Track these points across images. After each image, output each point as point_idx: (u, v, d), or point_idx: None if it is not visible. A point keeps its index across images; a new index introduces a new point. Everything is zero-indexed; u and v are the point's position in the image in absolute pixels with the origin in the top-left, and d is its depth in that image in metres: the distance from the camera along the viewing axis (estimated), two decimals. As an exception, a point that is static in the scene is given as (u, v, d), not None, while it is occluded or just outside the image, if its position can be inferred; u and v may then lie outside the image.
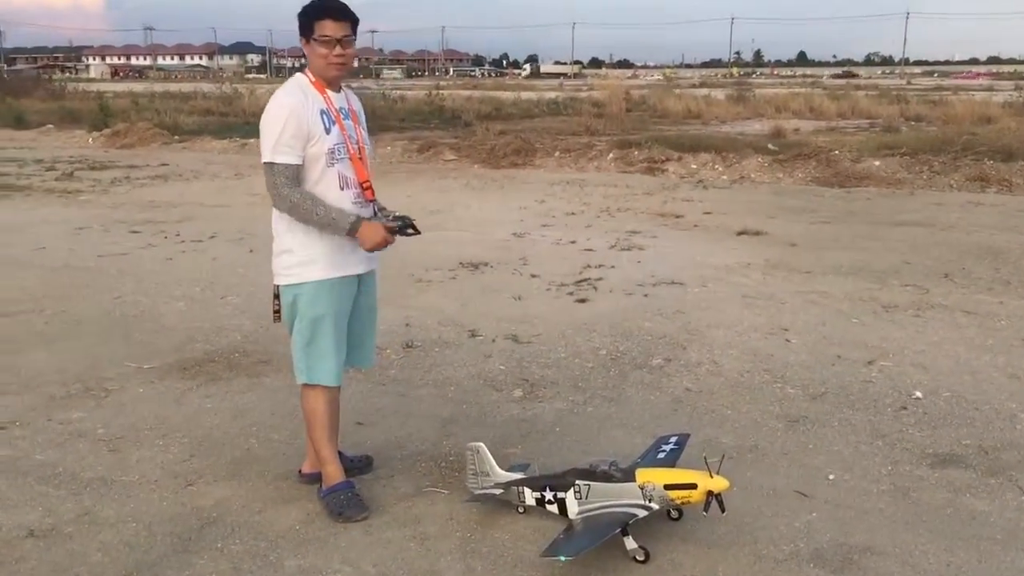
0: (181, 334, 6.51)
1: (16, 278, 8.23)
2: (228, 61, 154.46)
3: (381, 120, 27.99)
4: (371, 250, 3.73)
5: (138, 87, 51.16)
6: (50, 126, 25.28)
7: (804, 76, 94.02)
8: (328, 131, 3.65)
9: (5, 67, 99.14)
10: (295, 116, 3.58)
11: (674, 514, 3.80)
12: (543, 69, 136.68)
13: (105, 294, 7.65)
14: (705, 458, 3.61)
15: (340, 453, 4.10)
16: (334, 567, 3.49)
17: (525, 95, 42.84)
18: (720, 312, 6.97)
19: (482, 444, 4.03)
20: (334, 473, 3.93)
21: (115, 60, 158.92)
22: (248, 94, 39.15)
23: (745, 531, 3.73)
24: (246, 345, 6.26)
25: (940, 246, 9.45)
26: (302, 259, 3.73)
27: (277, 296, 3.83)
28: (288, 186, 3.59)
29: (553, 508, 3.78)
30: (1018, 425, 4.79)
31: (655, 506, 3.58)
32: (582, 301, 7.33)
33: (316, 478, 4.05)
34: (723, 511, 3.64)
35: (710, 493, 3.55)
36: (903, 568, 3.44)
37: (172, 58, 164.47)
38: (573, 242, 9.71)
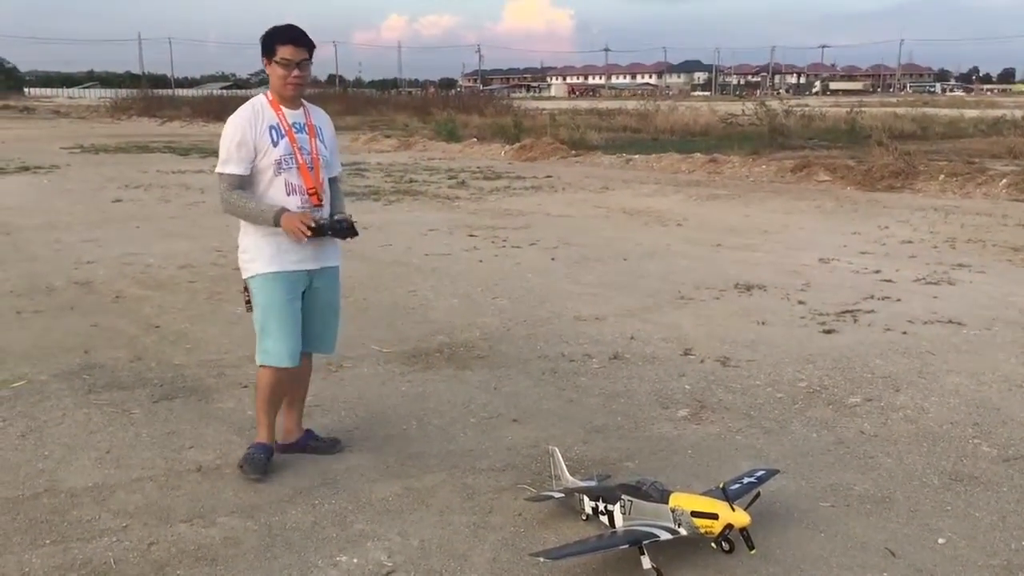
0: (434, 326, 7.31)
1: (351, 269, 9.64)
2: (675, 79, 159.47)
3: (784, 138, 27.50)
4: (298, 239, 4.18)
5: (583, 104, 54.71)
6: (474, 140, 28.31)
7: None
8: (276, 144, 4.22)
9: (481, 87, 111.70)
10: (240, 132, 4.19)
11: (726, 546, 3.68)
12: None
13: (405, 287, 8.74)
14: (723, 488, 3.48)
15: (310, 431, 4.82)
16: (388, 535, 3.92)
17: (970, 113, 39.27)
18: (979, 358, 6.21)
19: (556, 448, 4.21)
20: (262, 435, 4.58)
21: (574, 80, 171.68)
22: (669, 111, 40.50)
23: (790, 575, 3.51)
24: (478, 342, 6.87)
25: None
26: (252, 255, 4.35)
27: (246, 288, 4.46)
28: (228, 191, 4.21)
29: (604, 519, 3.86)
30: None
31: (683, 531, 3.54)
32: (828, 332, 6.93)
33: (290, 448, 4.70)
34: (751, 548, 3.52)
35: (728, 526, 3.45)
36: (922, 648, 3.05)
37: (625, 77, 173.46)
38: (877, 272, 9.05)
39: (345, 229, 4.32)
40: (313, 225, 4.20)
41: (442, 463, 4.68)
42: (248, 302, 4.48)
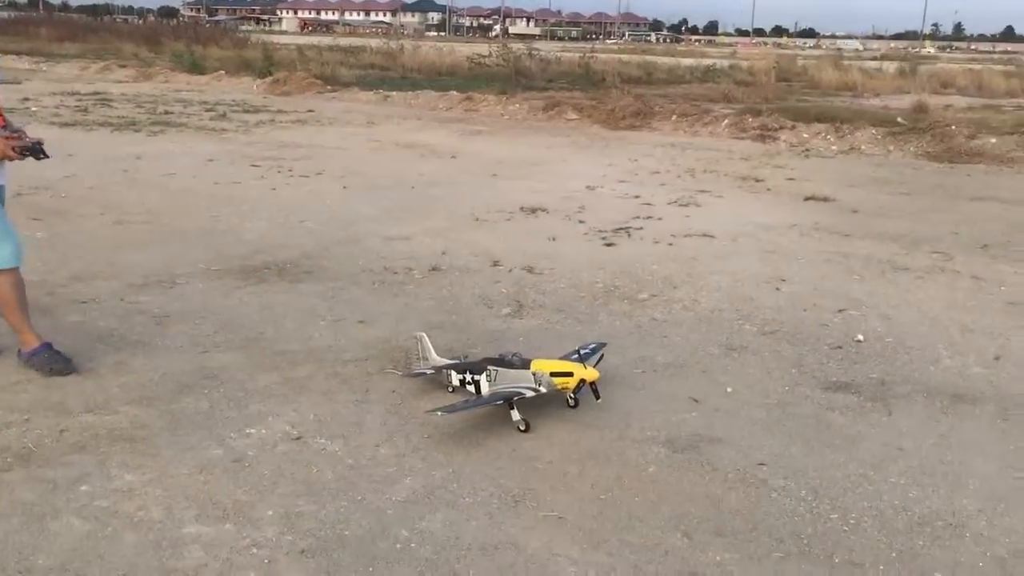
0: (252, 247, 7.65)
1: (141, 196, 9.67)
2: (410, 19, 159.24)
3: (527, 80, 28.91)
4: (10, 159, 4.55)
5: (323, 40, 53.75)
6: (222, 72, 27.51)
7: (1005, 52, 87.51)
8: None
9: (206, 17, 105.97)
10: None
11: (571, 402, 4.54)
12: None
13: (207, 213, 8.92)
14: (579, 351, 4.36)
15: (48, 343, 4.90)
16: (284, 413, 4.45)
17: (686, 61, 42.66)
18: (731, 262, 7.51)
19: (424, 334, 4.90)
20: (31, 339, 4.79)
21: (306, 14, 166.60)
22: (413, 50, 40.91)
23: (624, 420, 4.44)
24: (301, 260, 7.32)
25: (1002, 221, 9.50)
26: None
27: None
28: None
29: (471, 388, 4.60)
30: (933, 367, 5.22)
31: (543, 389, 4.36)
32: (610, 245, 8.02)
33: (31, 355, 4.81)
34: (598, 398, 4.41)
35: (583, 381, 4.32)
36: (734, 453, 4.10)
37: (358, 14, 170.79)
38: (637, 197, 10.32)
39: (42, 151, 4.64)
40: (23, 146, 4.53)
41: (308, 357, 5.22)
42: None
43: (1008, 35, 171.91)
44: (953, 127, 15.53)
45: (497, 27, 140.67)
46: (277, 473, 3.84)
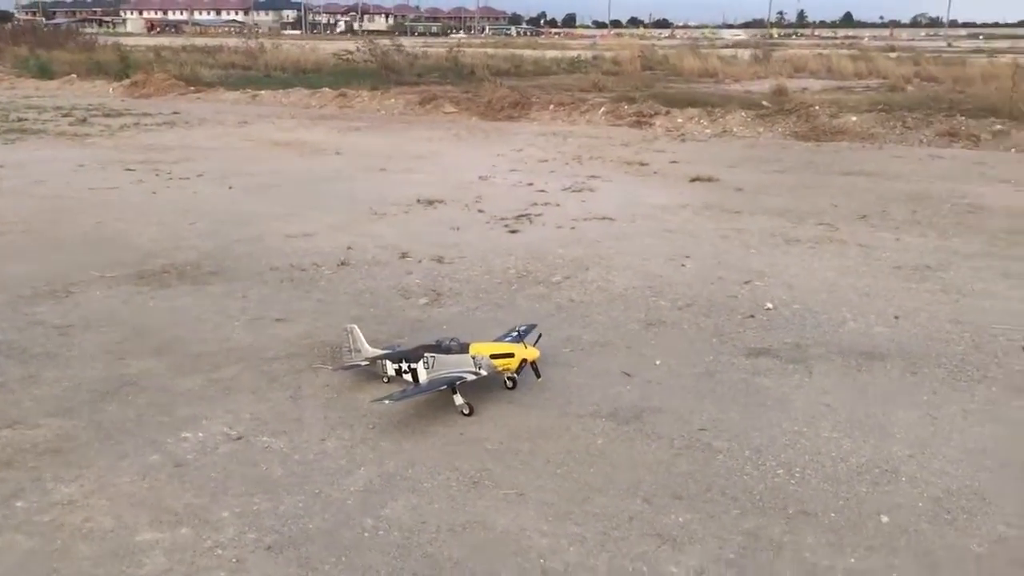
0: (145, 251, 7.35)
1: (12, 205, 9.14)
2: (263, 17, 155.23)
3: (397, 75, 28.71)
4: None
5: (175, 41, 51.98)
6: (73, 76, 26.23)
7: (845, 38, 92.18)
8: None
9: (44, 20, 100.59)
10: None
11: (509, 384, 4.56)
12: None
13: (88, 220, 8.51)
14: (523, 330, 4.40)
15: None
16: (217, 414, 4.31)
17: (550, 54, 43.19)
18: (634, 242, 7.68)
19: (355, 325, 4.83)
20: None
21: (153, 15, 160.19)
22: (274, 48, 40.06)
23: (563, 397, 4.49)
24: (201, 261, 7.07)
25: (874, 193, 10.03)
26: None
27: None
28: None
29: (408, 377, 4.56)
30: (841, 329, 5.49)
31: (483, 372, 4.36)
32: (513, 232, 8.07)
33: None
34: (538, 377, 4.45)
35: (524, 361, 4.35)
36: (675, 420, 4.21)
37: (208, 13, 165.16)
38: (530, 185, 10.42)
39: None
40: None
41: (230, 358, 5.06)
42: None
43: (847, 21, 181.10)
44: (816, 108, 16.29)
45: (342, 24, 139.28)
46: (225, 474, 3.73)
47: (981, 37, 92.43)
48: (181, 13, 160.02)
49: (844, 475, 3.74)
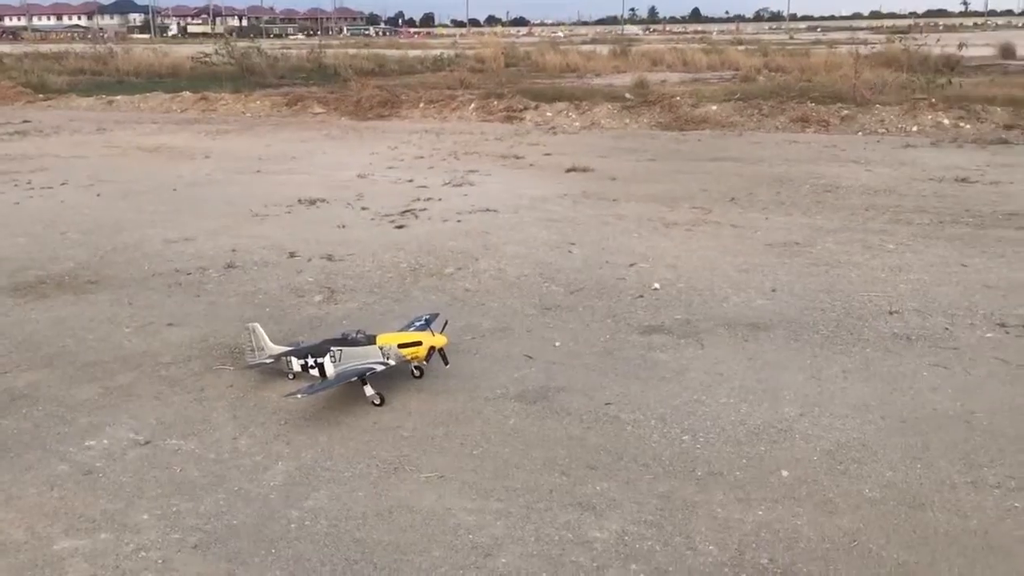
0: (17, 263, 7.04)
1: None
2: (109, 21, 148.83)
3: (258, 77, 28.12)
4: None
5: (16, 48, 49.31)
6: (-94, 87, 24.59)
7: (695, 32, 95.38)
8: None
9: None
10: None
11: (416, 373, 4.62)
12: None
13: (-52, 233, 8.07)
14: (426, 319, 4.47)
15: None
16: (121, 420, 4.21)
17: (413, 53, 43.04)
18: (520, 232, 7.83)
19: (257, 324, 4.79)
20: None
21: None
22: (125, 52, 38.58)
23: (471, 383, 4.58)
24: (78, 271, 6.83)
25: (740, 177, 10.51)
26: None
27: None
28: None
29: (315, 372, 4.56)
30: (725, 304, 5.78)
31: (392, 362, 4.41)
32: (400, 227, 8.10)
33: None
34: (446, 364, 4.53)
35: (432, 348, 4.42)
36: (581, 397, 4.37)
37: (48, 18, 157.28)
38: (411, 181, 10.45)
39: None
40: None
41: (124, 365, 4.94)
42: None
43: (696, 17, 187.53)
44: (678, 98, 16.89)
45: (174, 27, 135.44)
46: (138, 478, 3.66)
47: (819, 29, 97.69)
48: (18, 19, 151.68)
49: (744, 436, 3.97)
